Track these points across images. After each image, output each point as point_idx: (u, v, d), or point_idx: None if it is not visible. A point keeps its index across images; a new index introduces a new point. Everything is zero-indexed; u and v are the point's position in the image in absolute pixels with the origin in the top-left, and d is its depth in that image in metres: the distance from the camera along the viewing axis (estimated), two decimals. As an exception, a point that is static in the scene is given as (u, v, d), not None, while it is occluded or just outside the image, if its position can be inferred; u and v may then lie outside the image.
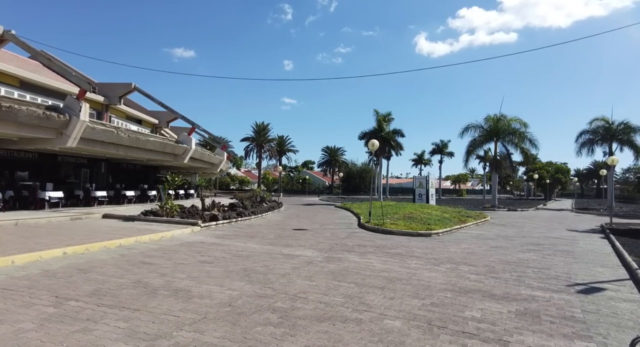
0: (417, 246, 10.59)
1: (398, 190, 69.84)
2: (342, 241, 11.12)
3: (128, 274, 6.52)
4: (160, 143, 19.24)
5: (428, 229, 13.43)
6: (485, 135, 33.40)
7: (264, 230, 13.22)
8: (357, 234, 13.01)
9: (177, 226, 12.37)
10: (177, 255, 8.38)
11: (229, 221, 14.55)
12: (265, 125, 62.87)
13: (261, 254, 8.80)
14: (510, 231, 15.28)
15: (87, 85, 13.65)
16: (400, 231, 13.12)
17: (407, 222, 15.01)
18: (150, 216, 13.84)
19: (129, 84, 22.02)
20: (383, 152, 42.52)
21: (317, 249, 9.59)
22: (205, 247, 9.46)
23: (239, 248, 9.46)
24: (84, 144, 14.73)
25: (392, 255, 9.10)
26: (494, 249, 10.39)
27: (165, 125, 30.24)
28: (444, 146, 61.78)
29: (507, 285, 6.47)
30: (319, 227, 14.81)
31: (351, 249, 9.74)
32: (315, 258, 8.43)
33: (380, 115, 40.07)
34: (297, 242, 10.71)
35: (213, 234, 11.96)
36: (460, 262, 8.45)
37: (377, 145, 14.81)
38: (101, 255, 8.05)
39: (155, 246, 9.42)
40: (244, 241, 10.59)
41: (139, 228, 11.68)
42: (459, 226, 15.44)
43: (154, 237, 10.40)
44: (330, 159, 67.94)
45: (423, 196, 31.79)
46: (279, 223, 15.77)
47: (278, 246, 9.91)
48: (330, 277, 6.66)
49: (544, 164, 61.48)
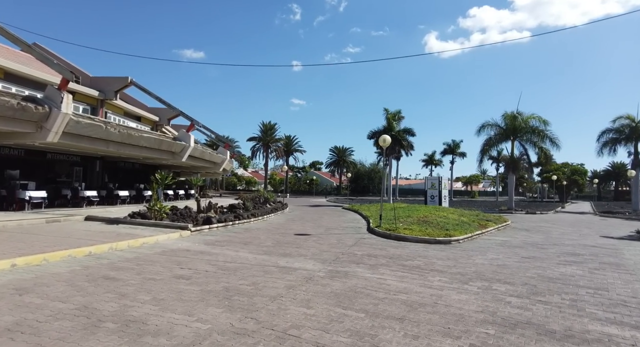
0: (437, 256, 9.09)
1: (408, 191, 68.11)
2: (350, 250, 9.67)
3: (77, 295, 5.16)
4: (156, 140, 18.00)
5: (447, 236, 11.91)
6: (502, 133, 31.64)
7: (262, 235, 11.84)
8: (366, 240, 11.55)
9: (164, 230, 11.06)
10: (152, 267, 7.02)
11: (225, 225, 13.20)
12: (272, 124, 61.71)
13: (253, 266, 7.40)
14: (537, 237, 13.68)
15: (69, 74, 12.44)
16: (415, 238, 11.62)
17: (422, 226, 13.50)
18: (138, 218, 12.56)
19: (125, 78, 20.84)
20: (393, 152, 40.95)
21: (319, 260, 8.16)
22: (189, 257, 8.10)
23: (228, 258, 8.07)
24: (68, 139, 13.53)
25: (409, 268, 7.62)
26: (528, 261, 8.85)
27: (167, 122, 29.09)
28: (456, 146, 59.85)
29: (563, 315, 4.96)
30: (324, 231, 13.38)
31: (360, 260, 8.29)
32: (316, 272, 7.00)
33: (390, 114, 38.51)
34: (297, 250, 9.28)
35: (203, 240, 10.60)
36: (493, 278, 6.96)
37: (388, 141, 13.36)
38: (59, 267, 6.72)
39: (130, 255, 8.09)
40: (236, 249, 9.21)
41: (120, 232, 10.38)
42: (480, 232, 13.88)
43: (133, 244, 9.07)
44: (338, 160, 66.47)
45: (435, 197, 30.21)
46: (280, 227, 14.38)
47: (274, 256, 8.50)
48: (334, 302, 5.23)
49: (559, 165, 59.25)
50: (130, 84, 21.15)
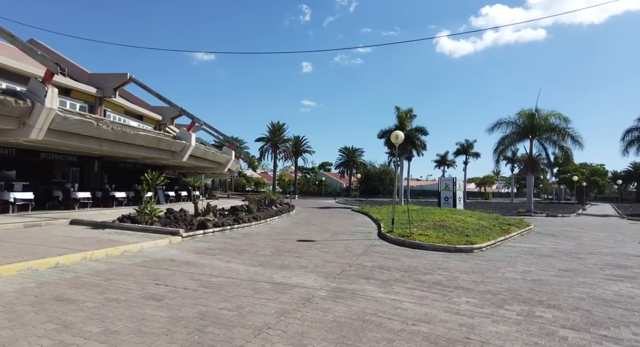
0: (460, 269, 7.83)
1: (419, 193, 66.43)
2: (358, 260, 8.46)
3: (5, 327, 4.06)
4: (153, 138, 17.01)
5: (468, 243, 10.61)
6: (519, 132, 30.02)
7: (262, 241, 10.69)
8: (377, 248, 10.31)
9: (152, 236, 9.99)
10: (122, 283, 5.91)
11: (222, 229, 12.09)
12: (281, 125, 60.72)
13: (242, 281, 6.25)
14: (567, 243, 12.27)
15: (53, 65, 11.51)
16: (432, 245, 10.35)
17: (439, 232, 12.21)
18: (128, 222, 11.55)
19: (124, 74, 19.96)
20: (405, 152, 39.51)
21: (322, 274, 6.96)
22: (172, 269, 6.98)
23: (216, 271, 6.93)
24: (55, 137, 12.59)
25: (429, 285, 6.39)
26: (567, 275, 7.53)
27: (170, 122, 28.25)
28: (469, 146, 58.00)
29: (644, 360, 3.69)
30: (330, 237, 12.18)
31: (369, 274, 7.07)
32: (317, 291, 5.82)
33: (402, 112, 37.05)
34: (297, 261, 8.10)
35: (194, 247, 9.49)
36: (532, 299, 5.68)
37: (401, 138, 12.11)
38: (8, 284, 5.65)
39: (104, 267, 7.00)
40: (227, 259, 8.07)
41: (102, 239, 9.34)
42: (503, 238, 12.52)
43: (112, 253, 8.00)
44: (347, 160, 65.12)
45: (449, 199, 28.72)
46: (283, 231, 13.22)
47: (270, 268, 7.34)
48: (336, 338, 4.03)
49: (577, 166, 57.03)
50: (129, 81, 20.26)
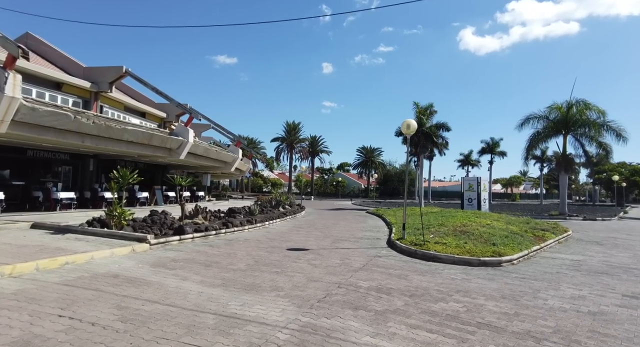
0: (485, 291, 5.90)
1: (442, 194, 63.54)
2: (353, 277, 6.63)
3: None
4: (144, 133, 15.63)
5: (495, 254, 8.59)
6: (551, 127, 27.28)
7: (244, 250, 9.01)
8: (381, 260, 8.44)
9: (114, 243, 8.48)
10: (12, 314, 4.32)
11: (205, 235, 10.49)
12: (297, 124, 59.24)
13: (182, 312, 4.56)
14: (621, 255, 10.03)
15: (14, 48, 10.23)
16: (450, 257, 8.41)
17: (460, 239, 10.21)
18: (97, 225, 10.11)
19: (120, 68, 18.76)
20: (425, 151, 37.27)
21: (297, 300, 5.20)
22: (102, 291, 5.37)
23: (158, 294, 5.27)
24: (24, 130, 11.33)
25: (441, 320, 4.52)
26: (638, 305, 5.49)
27: (175, 119, 27.05)
28: (495, 145, 54.68)
29: None
30: (330, 244, 10.37)
31: (361, 301, 5.25)
32: (276, 333, 4.05)
33: (420, 108, 34.86)
34: (273, 279, 6.35)
35: (157, 257, 7.90)
36: (599, 352, 3.74)
37: (413, 127, 10.19)
38: None
39: (16, 286, 5.44)
40: (186, 275, 6.41)
41: (49, 247, 7.87)
42: (538, 247, 10.41)
43: (47, 265, 6.48)
44: (365, 160, 62.81)
45: (473, 200, 26.32)
46: (276, 237, 11.51)
47: (232, 290, 5.62)
48: None
49: (614, 165, 52.85)
50: (125, 74, 19.06)
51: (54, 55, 20.17)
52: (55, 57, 20.09)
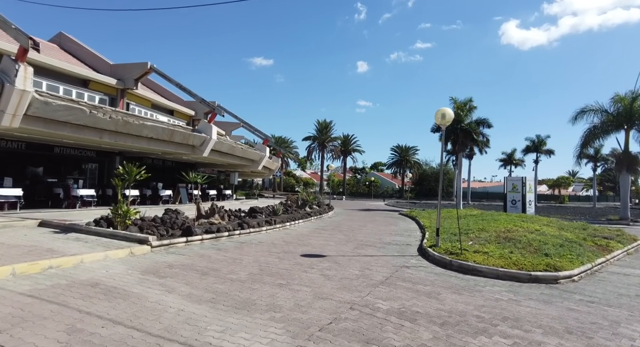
0: (541, 321, 4.53)
1: (482, 195, 60.16)
2: (371, 295, 5.44)
3: None
4: (164, 129, 15.14)
5: (549, 267, 7.08)
6: (611, 121, 24.45)
7: (252, 255, 8.03)
8: (409, 271, 7.17)
9: (113, 244, 7.78)
10: (-60, 336, 3.54)
11: (216, 236, 9.65)
12: (328, 122, 58.20)
13: (144, 338, 3.60)
14: None
15: (25, 40, 9.87)
16: (494, 270, 6.99)
17: (504, 247, 8.70)
18: (104, 224, 9.53)
19: (145, 64, 18.55)
20: (464, 149, 34.95)
21: (293, 328, 4.10)
22: (65, 306, 4.53)
23: (128, 312, 4.36)
24: (38, 125, 11.02)
25: (483, 372, 3.26)
26: None
27: (204, 117, 26.80)
28: (541, 143, 50.74)
29: None
30: (351, 250, 9.19)
31: (377, 332, 4.07)
32: (249, 380, 2.97)
33: (459, 103, 32.60)
34: (272, 295, 5.29)
35: (154, 262, 7.07)
36: None
37: (449, 117, 8.79)
38: None
39: (-22, 296, 4.75)
40: (174, 286, 5.49)
41: (42, 248, 7.25)
42: (604, 259, 8.69)
43: (25, 270, 5.80)
44: (400, 160, 60.66)
45: (517, 202, 24.09)
46: (294, 240, 10.47)
47: (220, 308, 4.62)
48: None
49: (681, 165, 47.48)
50: (150, 71, 18.83)
51: (84, 53, 20.35)
52: (84, 55, 20.26)
